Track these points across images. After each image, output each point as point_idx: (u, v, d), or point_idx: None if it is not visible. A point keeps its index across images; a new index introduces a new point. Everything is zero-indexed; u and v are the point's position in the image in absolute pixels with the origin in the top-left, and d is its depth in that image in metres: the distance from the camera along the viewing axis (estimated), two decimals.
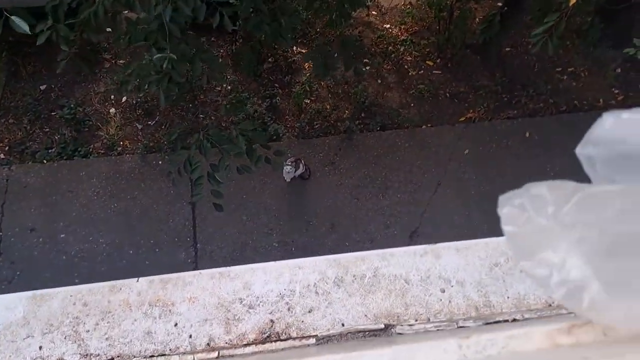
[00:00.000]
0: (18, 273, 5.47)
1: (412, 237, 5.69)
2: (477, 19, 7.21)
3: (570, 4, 3.48)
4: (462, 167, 6.14)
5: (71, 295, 1.59)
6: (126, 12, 3.90)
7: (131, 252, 5.59)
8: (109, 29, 3.73)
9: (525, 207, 0.79)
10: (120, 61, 6.69)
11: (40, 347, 1.53)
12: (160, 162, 6.13)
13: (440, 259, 1.69)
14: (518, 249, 0.83)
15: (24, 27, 2.40)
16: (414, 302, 1.61)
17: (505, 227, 0.83)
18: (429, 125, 6.50)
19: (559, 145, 6.21)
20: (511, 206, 0.82)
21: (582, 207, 0.75)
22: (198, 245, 5.65)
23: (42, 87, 6.69)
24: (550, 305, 1.61)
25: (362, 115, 6.51)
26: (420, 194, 5.97)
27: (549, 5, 4.55)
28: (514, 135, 6.37)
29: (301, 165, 5.78)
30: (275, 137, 6.28)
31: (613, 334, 0.82)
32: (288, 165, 5.62)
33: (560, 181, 0.78)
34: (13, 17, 2.40)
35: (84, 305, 1.58)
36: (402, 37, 7.20)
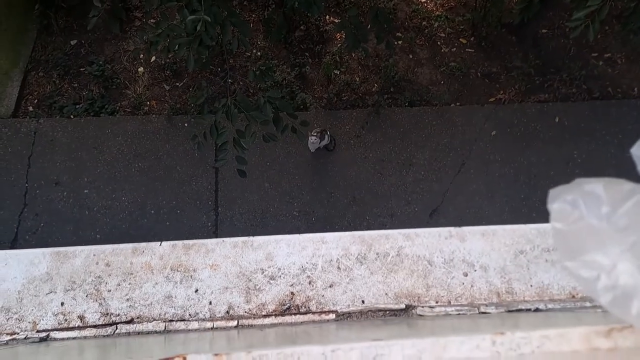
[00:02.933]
0: (42, 225, 5.57)
1: (432, 216, 5.65)
2: None
3: None
4: (488, 148, 6.05)
5: (94, 255, 1.60)
6: None
7: (152, 212, 5.65)
8: None
9: (577, 204, 0.75)
10: (151, 20, 6.65)
11: (62, 304, 1.54)
12: (186, 125, 6.14)
13: (465, 242, 1.66)
14: (564, 247, 0.79)
15: None
16: (435, 284, 1.59)
17: (553, 224, 0.79)
18: (457, 104, 6.40)
19: (588, 132, 6.09)
20: (563, 202, 0.77)
21: (638, 210, 0.71)
22: (219, 209, 5.68)
23: (73, 42, 6.71)
24: (574, 296, 1.59)
25: (391, 89, 6.43)
26: (444, 173, 5.91)
27: None
28: (544, 119, 6.24)
29: (326, 137, 5.74)
30: (302, 106, 6.24)
31: None
32: (313, 135, 5.58)
33: (615, 179, 0.74)
34: None
35: (107, 265, 1.59)
36: (437, 13, 7.05)
